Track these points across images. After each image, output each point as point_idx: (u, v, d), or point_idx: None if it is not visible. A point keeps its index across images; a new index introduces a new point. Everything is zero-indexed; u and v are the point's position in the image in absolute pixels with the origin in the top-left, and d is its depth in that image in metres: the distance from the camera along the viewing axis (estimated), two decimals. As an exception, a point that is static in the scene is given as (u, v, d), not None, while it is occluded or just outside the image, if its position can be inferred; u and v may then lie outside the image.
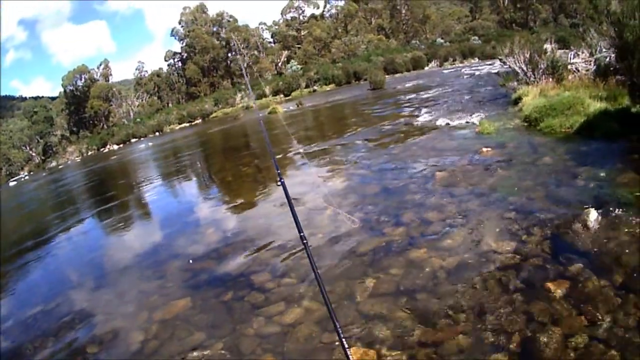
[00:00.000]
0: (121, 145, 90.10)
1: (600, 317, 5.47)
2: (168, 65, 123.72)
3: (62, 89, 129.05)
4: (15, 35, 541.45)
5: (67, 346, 8.47)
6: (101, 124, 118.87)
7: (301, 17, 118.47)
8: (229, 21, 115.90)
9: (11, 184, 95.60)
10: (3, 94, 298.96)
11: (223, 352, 6.80)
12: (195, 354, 6.94)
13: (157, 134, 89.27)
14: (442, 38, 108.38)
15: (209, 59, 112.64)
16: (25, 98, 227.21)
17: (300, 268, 8.71)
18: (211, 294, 8.69)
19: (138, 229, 16.42)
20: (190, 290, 9.09)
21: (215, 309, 8.10)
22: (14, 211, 38.23)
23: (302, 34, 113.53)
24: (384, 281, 7.49)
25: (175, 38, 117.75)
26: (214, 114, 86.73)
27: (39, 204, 36.49)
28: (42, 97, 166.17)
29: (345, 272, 8.12)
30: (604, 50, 18.56)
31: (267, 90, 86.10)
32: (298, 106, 51.93)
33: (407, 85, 49.56)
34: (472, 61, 78.21)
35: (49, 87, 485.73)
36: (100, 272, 12.42)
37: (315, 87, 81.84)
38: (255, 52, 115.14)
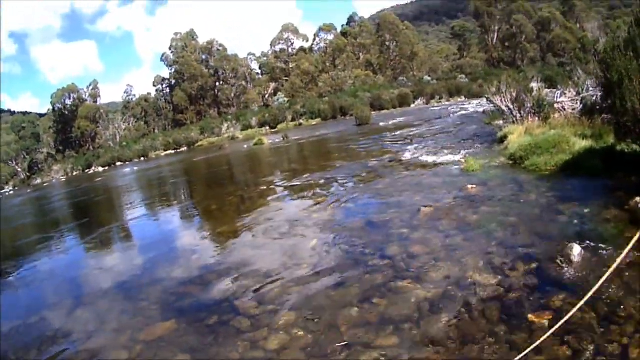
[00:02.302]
0: (106, 168, 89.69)
1: (583, 347, 5.59)
2: (156, 90, 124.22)
3: (50, 107, 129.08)
4: (5, 48, 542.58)
5: (51, 358, 8.50)
6: (87, 145, 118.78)
7: (290, 50, 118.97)
8: (218, 50, 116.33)
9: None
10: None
11: None
12: None
13: (142, 159, 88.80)
14: (429, 75, 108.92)
15: (197, 86, 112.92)
16: (14, 112, 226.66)
17: (284, 295, 8.77)
18: (196, 317, 8.69)
19: (121, 252, 16.36)
20: (175, 313, 9.08)
21: (200, 332, 8.10)
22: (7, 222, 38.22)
23: (291, 66, 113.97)
24: (369, 310, 7.55)
25: (165, 63, 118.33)
26: (199, 143, 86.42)
27: (23, 220, 36.25)
28: (31, 112, 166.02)
29: (330, 302, 8.17)
30: (590, 89, 18.84)
31: (254, 121, 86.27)
32: (284, 139, 51.93)
33: (393, 121, 49.70)
34: (459, 99, 78.68)
35: (36, 102, 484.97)
36: (82, 292, 12.41)
37: (301, 121, 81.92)
38: (243, 83, 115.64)
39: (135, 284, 11.63)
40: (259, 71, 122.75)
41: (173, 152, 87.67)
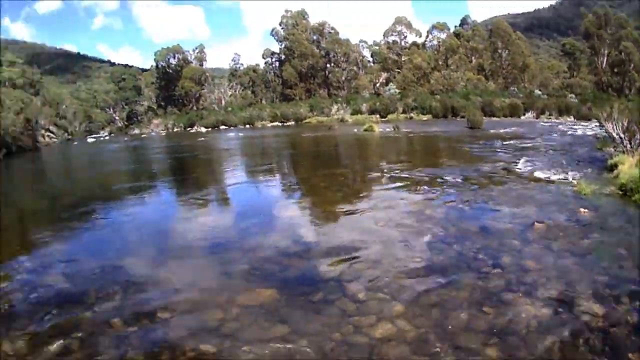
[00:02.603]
0: (209, 129, 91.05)
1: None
2: (265, 62, 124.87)
3: (154, 63, 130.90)
4: (105, 3, 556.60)
5: (133, 305, 8.64)
6: (190, 105, 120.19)
7: (402, 43, 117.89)
8: (329, 32, 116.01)
9: (89, 140, 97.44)
10: (91, 55, 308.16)
11: (307, 349, 6.79)
12: (277, 345, 6.95)
13: (247, 126, 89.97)
14: (539, 90, 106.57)
15: (307, 65, 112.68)
16: (114, 63, 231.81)
17: (394, 285, 8.70)
18: (299, 291, 8.68)
19: (222, 213, 16.66)
20: (277, 283, 9.09)
21: (302, 307, 8.10)
22: (97, 166, 39.64)
23: (403, 59, 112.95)
24: (478, 317, 7.50)
25: (275, 38, 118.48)
26: (307, 120, 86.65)
27: (119, 167, 37.39)
28: (132, 66, 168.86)
29: (440, 301, 8.10)
30: None
31: (364, 107, 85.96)
32: (395, 129, 51.48)
33: (504, 130, 48.50)
34: (568, 119, 76.52)
35: (137, 58, 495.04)
36: (177, 245, 12.59)
37: (412, 114, 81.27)
38: (355, 68, 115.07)
39: (237, 246, 11.66)
40: (370, 59, 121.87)
41: (280, 124, 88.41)
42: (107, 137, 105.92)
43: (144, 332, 7.67)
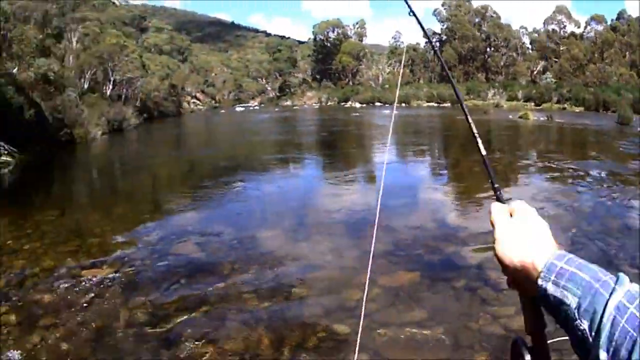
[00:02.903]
0: (364, 105, 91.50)
1: None
2: (425, 42, 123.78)
3: (311, 36, 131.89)
4: None
5: (269, 280, 8.63)
6: (347, 80, 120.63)
7: (561, 32, 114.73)
8: (492, 16, 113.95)
9: (237, 108, 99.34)
10: (245, 25, 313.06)
11: (442, 337, 6.65)
12: (413, 329, 6.80)
13: (403, 104, 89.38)
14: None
15: (467, 47, 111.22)
16: (270, 34, 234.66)
17: None
18: (442, 276, 8.53)
19: (366, 191, 16.54)
20: (421, 266, 8.97)
21: (443, 293, 7.95)
22: (242, 135, 40.49)
23: (561, 49, 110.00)
24: None
25: (437, 18, 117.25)
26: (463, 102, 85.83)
27: (269, 137, 38.28)
28: (289, 37, 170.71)
29: None
30: None
31: (520, 94, 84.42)
32: (548, 119, 50.25)
33: (655, 128, 46.85)
34: None
35: (291, 30, 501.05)
36: (325, 219, 12.68)
37: (565, 105, 79.17)
38: (514, 54, 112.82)
39: (382, 225, 11.39)
40: (529, 46, 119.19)
41: (435, 105, 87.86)
42: (256, 107, 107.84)
43: (276, 308, 7.66)
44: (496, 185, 1.54)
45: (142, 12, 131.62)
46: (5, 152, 25.60)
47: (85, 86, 53.83)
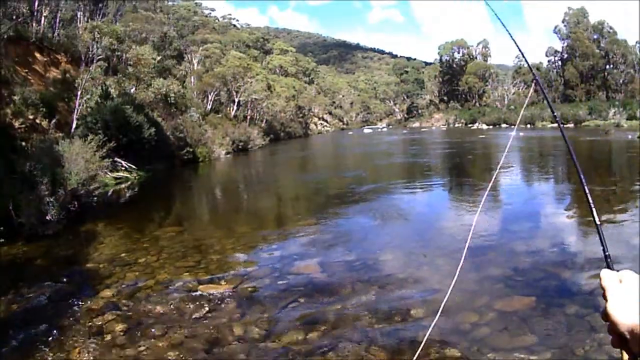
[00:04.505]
0: (490, 127, 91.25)
1: None
2: (548, 61, 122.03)
3: (437, 57, 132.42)
4: None
5: (388, 301, 8.44)
6: (473, 101, 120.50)
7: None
8: (609, 32, 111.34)
9: (365, 130, 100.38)
10: (370, 46, 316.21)
11: None
12: (521, 355, 6.55)
13: (528, 126, 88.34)
14: None
15: (587, 65, 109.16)
16: (396, 55, 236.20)
17: None
18: (556, 302, 8.11)
19: (492, 214, 15.81)
20: (537, 291, 8.57)
21: (556, 318, 7.54)
22: (371, 157, 40.16)
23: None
24: None
25: (558, 36, 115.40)
26: (585, 123, 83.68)
27: (386, 160, 37.93)
28: (415, 59, 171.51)
29: None
30: None
31: (639, 112, 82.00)
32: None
33: None
34: None
35: (416, 51, 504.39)
36: (448, 243, 12.31)
37: (683, 122, 76.49)
38: (631, 71, 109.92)
39: (502, 249, 11.25)
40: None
41: (556, 126, 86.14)
42: (384, 129, 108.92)
43: (391, 329, 7.44)
44: (607, 253, 1.57)
45: (265, 34, 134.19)
46: (123, 168, 26.18)
47: (209, 107, 55.06)
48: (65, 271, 10.71)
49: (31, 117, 24.74)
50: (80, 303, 8.62)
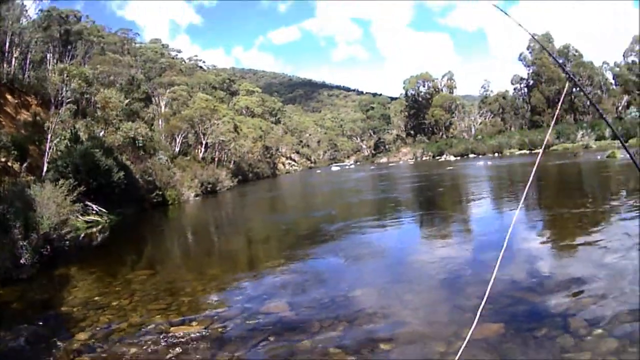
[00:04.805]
0: (458, 158, 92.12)
1: None
2: (514, 89, 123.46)
3: (402, 92, 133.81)
4: (347, 32, 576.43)
5: (356, 336, 8.59)
6: (440, 133, 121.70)
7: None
8: (574, 55, 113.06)
9: (333, 168, 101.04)
10: (336, 84, 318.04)
11: None
12: None
13: (496, 154, 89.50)
14: None
15: (554, 90, 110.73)
16: (362, 92, 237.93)
17: (616, 321, 8.16)
18: (525, 326, 8.38)
19: (458, 245, 16.31)
20: (505, 317, 8.82)
21: (525, 343, 7.79)
22: (339, 195, 40.78)
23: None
24: None
25: (523, 63, 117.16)
26: (554, 147, 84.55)
27: (366, 194, 38.58)
28: (381, 94, 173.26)
29: None
30: None
31: (607, 132, 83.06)
32: (636, 155, 49.46)
33: None
34: None
35: (381, 87, 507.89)
36: (417, 275, 12.66)
37: (652, 139, 77.56)
38: (598, 92, 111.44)
39: (471, 279, 11.53)
40: (612, 81, 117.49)
41: (527, 152, 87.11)
42: (352, 166, 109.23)
43: None
44: None
45: (231, 75, 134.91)
46: (94, 212, 26.32)
47: (177, 149, 55.37)
48: (40, 314, 10.94)
49: (3, 159, 24.91)
50: (57, 346, 8.82)
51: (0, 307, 11.81)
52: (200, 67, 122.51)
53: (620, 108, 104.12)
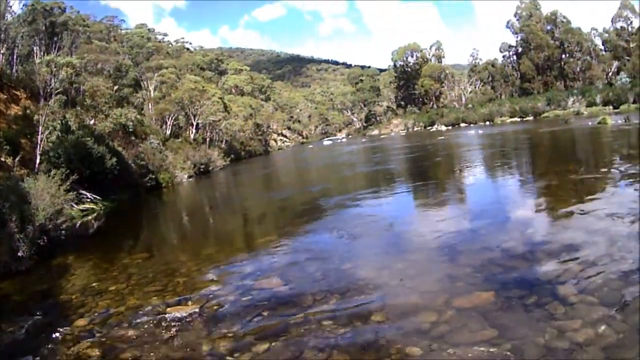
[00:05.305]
0: (449, 128, 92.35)
1: None
2: (503, 57, 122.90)
3: (391, 63, 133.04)
4: (331, 5, 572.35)
5: (349, 308, 8.73)
6: (431, 103, 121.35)
7: (629, 28, 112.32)
8: (562, 21, 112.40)
9: (325, 142, 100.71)
10: (324, 58, 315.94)
11: (508, 353, 6.63)
12: (481, 348, 6.82)
13: (487, 123, 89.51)
14: None
15: (543, 57, 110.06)
16: (350, 65, 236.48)
17: (605, 288, 8.19)
18: (515, 293, 8.44)
19: (453, 214, 16.38)
20: (496, 285, 8.89)
21: (515, 310, 7.89)
22: (333, 169, 41.15)
23: (631, 45, 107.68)
24: None
25: (511, 31, 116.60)
26: (545, 114, 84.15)
27: (353, 169, 38.18)
28: (370, 66, 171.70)
29: None
30: None
31: (598, 99, 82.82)
32: (626, 121, 49.23)
33: None
34: None
35: (370, 59, 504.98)
36: (405, 247, 12.79)
37: (642, 104, 77.21)
38: (588, 58, 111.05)
39: (463, 248, 11.56)
40: (602, 47, 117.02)
41: (518, 119, 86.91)
42: (344, 139, 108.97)
43: (353, 333, 7.80)
44: None
45: (218, 55, 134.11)
46: (88, 199, 26.43)
47: (168, 132, 55.21)
48: (40, 304, 11.09)
49: (-5, 155, 25.03)
50: (57, 334, 8.99)
51: (0, 300, 11.98)
52: (187, 48, 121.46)
53: (610, 74, 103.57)
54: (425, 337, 7.33)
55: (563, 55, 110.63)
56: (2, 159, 25.33)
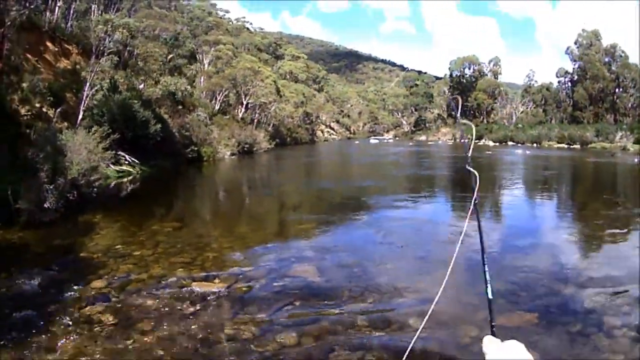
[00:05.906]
0: (497, 144, 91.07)
1: None
2: (558, 82, 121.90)
3: (447, 72, 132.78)
4: (395, 6, 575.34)
5: (386, 310, 8.29)
6: (481, 117, 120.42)
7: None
8: (620, 56, 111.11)
9: (372, 140, 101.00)
10: (382, 58, 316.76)
11: None
12: None
13: (534, 145, 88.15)
14: None
15: (597, 88, 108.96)
16: (407, 69, 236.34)
17: None
18: (560, 320, 7.92)
19: (495, 228, 15.78)
20: (539, 308, 8.38)
21: (559, 336, 7.41)
22: (375, 168, 40.34)
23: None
24: None
25: (570, 57, 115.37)
26: (592, 144, 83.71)
27: (403, 169, 38.21)
28: (426, 72, 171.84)
29: None
30: None
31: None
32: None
33: None
34: None
35: (427, 65, 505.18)
36: (451, 254, 12.07)
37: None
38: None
39: (508, 264, 11.06)
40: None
41: (565, 146, 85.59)
42: (390, 140, 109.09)
43: (388, 337, 7.29)
44: (493, 323, 1.94)
45: (277, 39, 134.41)
46: (127, 162, 26.12)
47: (217, 107, 55.11)
48: (58, 259, 10.67)
49: (38, 105, 24.71)
50: (70, 292, 8.55)
51: (19, 249, 11.61)
52: (247, 28, 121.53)
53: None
54: (464, 353, 6.91)
55: (617, 89, 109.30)
56: (44, 110, 25.02)
